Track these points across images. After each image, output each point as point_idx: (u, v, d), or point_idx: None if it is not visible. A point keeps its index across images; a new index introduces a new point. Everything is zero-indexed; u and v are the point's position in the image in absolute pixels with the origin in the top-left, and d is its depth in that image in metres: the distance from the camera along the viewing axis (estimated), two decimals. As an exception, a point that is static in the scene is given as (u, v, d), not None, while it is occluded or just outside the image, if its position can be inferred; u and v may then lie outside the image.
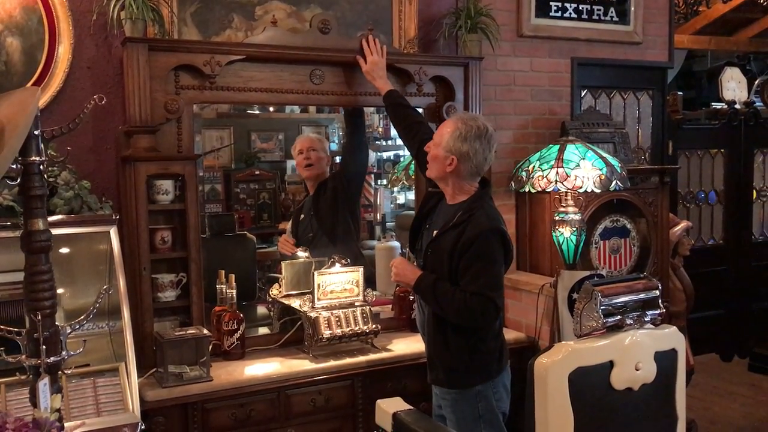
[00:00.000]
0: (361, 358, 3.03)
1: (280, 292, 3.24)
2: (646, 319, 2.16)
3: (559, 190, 3.19)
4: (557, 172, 3.15)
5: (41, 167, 1.71)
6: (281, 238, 3.81)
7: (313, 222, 3.66)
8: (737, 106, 5.66)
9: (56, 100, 2.91)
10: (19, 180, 1.70)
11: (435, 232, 2.68)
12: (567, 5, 3.98)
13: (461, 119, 2.65)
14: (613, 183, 3.16)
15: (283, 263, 3.30)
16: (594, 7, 4.06)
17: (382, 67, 3.12)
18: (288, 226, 3.90)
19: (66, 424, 1.80)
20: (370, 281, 3.46)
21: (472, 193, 2.67)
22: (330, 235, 3.57)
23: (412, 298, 3.42)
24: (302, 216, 3.75)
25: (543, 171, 3.20)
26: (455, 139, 2.59)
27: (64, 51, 2.92)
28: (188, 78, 2.93)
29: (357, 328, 3.06)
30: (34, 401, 1.70)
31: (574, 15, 4.01)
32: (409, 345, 3.20)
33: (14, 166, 1.68)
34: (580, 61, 4.06)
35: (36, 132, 1.68)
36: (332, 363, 2.97)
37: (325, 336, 2.99)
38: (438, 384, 2.72)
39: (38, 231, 1.71)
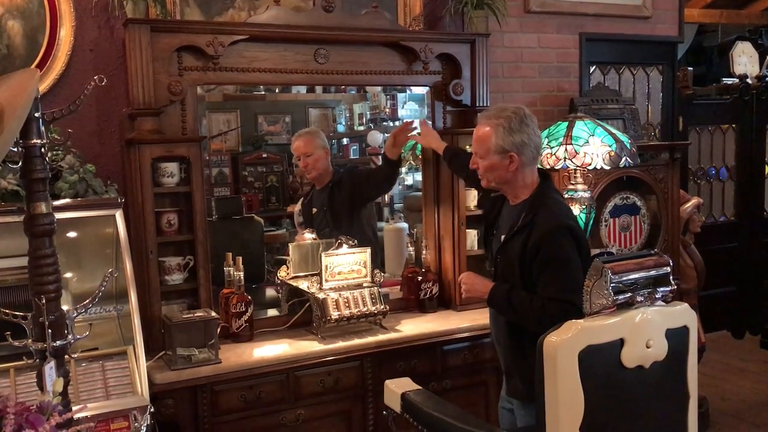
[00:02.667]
0: (370, 339, 3.02)
1: (288, 274, 3.22)
2: (657, 296, 2.13)
3: (568, 167, 3.15)
4: (566, 150, 3.12)
5: (42, 150, 1.69)
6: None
7: (327, 217, 3.62)
8: (749, 81, 5.57)
9: (59, 84, 2.90)
10: (20, 163, 1.69)
11: (503, 237, 2.55)
12: (575, -21, 3.92)
13: (493, 116, 2.50)
14: (623, 160, 3.12)
15: (290, 245, 3.29)
16: (602, -20, 4.00)
17: (435, 135, 3.32)
18: (295, 214, 3.87)
19: (75, 408, 1.80)
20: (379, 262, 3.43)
21: (534, 189, 2.52)
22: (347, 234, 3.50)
23: (420, 278, 3.42)
24: (314, 210, 3.70)
25: (552, 148, 3.16)
26: (503, 137, 2.45)
27: (65, 34, 2.90)
28: (191, 59, 2.91)
29: (365, 309, 3.05)
30: (41, 385, 1.70)
31: (582, -11, 3.95)
32: (418, 325, 3.19)
33: (15, 149, 1.67)
34: (588, 37, 4.00)
35: (36, 114, 1.67)
36: (341, 344, 2.96)
37: (333, 317, 2.99)
38: (517, 397, 2.56)
39: (41, 214, 1.71)
